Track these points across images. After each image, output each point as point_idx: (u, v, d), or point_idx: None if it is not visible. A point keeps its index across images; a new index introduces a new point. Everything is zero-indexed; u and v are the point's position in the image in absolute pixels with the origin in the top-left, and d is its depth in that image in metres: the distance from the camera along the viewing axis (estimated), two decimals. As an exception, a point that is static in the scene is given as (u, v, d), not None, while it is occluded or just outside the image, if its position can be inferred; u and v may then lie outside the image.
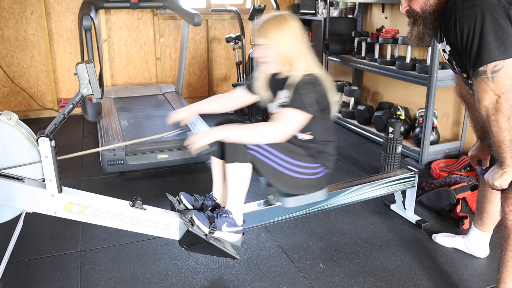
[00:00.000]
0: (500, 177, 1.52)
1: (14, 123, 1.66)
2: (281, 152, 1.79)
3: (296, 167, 1.83)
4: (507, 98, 1.39)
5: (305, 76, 1.75)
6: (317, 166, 1.88)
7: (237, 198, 1.81)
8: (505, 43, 1.37)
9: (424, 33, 1.61)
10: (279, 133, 1.74)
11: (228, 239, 1.80)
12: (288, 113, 1.73)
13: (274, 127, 1.74)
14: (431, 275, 2.06)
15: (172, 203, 1.95)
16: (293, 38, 1.76)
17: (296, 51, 1.76)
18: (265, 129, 1.74)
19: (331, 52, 4.34)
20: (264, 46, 1.77)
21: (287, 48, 1.75)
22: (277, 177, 1.83)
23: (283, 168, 1.81)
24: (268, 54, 1.78)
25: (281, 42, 1.74)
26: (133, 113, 3.86)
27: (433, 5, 1.55)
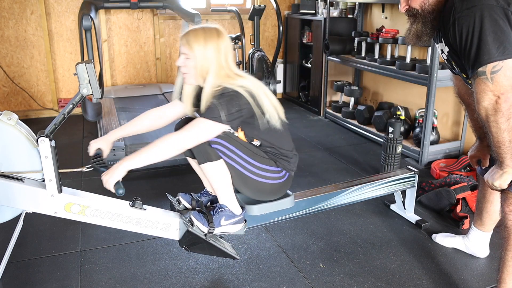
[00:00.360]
0: (499, 177, 1.52)
1: (14, 123, 1.66)
2: (245, 152, 1.76)
3: (259, 170, 1.79)
4: (506, 98, 1.39)
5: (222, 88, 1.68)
6: (279, 170, 1.84)
7: (225, 192, 1.80)
8: (504, 44, 1.37)
9: (422, 32, 1.60)
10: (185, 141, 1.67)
11: (231, 231, 1.81)
12: (198, 122, 1.66)
13: (179, 136, 1.67)
14: (431, 275, 2.06)
15: (172, 203, 1.96)
16: (214, 53, 1.70)
17: (213, 66, 1.70)
18: (170, 141, 1.66)
19: (331, 52, 4.34)
20: (186, 56, 1.72)
21: (205, 62, 1.70)
22: (240, 179, 1.79)
23: (246, 170, 1.77)
24: (187, 64, 1.73)
25: (199, 55, 1.69)
26: (133, 113, 3.86)
27: (432, 4, 1.55)
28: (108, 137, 1.91)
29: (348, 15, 4.58)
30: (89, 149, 1.89)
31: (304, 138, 4.03)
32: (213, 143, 1.70)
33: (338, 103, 4.62)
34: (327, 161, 3.48)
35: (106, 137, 1.91)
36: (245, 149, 1.76)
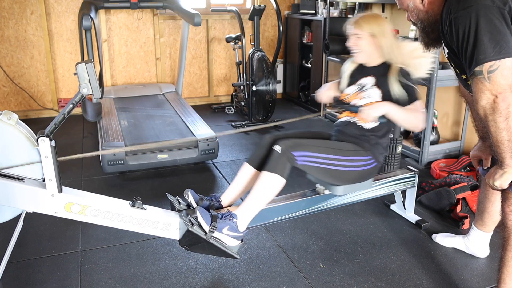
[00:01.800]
0: (500, 177, 1.52)
1: (14, 123, 1.66)
2: (332, 153, 1.90)
3: (347, 162, 1.94)
4: (504, 98, 1.40)
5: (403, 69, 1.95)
6: (368, 158, 1.98)
7: (254, 206, 1.81)
8: (500, 43, 1.37)
9: (427, 43, 1.67)
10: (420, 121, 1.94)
11: (227, 242, 1.79)
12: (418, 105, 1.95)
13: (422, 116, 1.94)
14: (431, 275, 2.06)
15: (172, 203, 1.95)
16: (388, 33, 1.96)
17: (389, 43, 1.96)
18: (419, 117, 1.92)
19: (331, 52, 4.33)
20: (358, 36, 1.97)
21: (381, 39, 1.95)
22: (330, 174, 1.94)
23: (335, 166, 1.92)
24: (360, 44, 1.98)
25: (376, 32, 1.94)
26: (133, 113, 3.86)
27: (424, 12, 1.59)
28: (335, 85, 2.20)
29: (348, 15, 4.58)
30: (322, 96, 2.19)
31: (304, 138, 4.02)
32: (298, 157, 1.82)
33: (338, 103, 4.61)
34: (327, 161, 3.48)
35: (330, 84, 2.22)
36: (327, 149, 1.90)
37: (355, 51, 2.03)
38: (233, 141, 3.92)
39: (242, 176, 1.99)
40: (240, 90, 4.65)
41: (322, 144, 1.92)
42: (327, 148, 1.91)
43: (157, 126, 3.53)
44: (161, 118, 3.73)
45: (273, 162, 1.80)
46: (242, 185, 1.98)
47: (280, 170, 1.78)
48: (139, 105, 4.12)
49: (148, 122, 3.62)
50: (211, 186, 3.01)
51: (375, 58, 2.02)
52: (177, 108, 4.01)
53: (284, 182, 1.81)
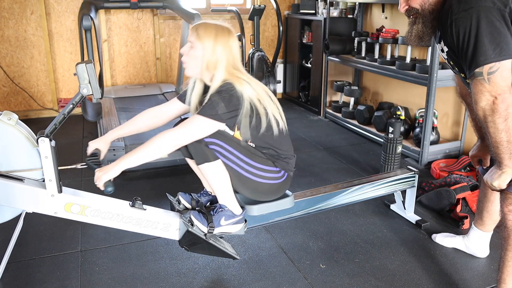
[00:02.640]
0: (498, 177, 1.53)
1: (14, 123, 1.66)
2: (242, 153, 1.74)
3: (257, 170, 1.77)
4: (503, 99, 1.40)
5: (223, 85, 1.67)
6: (277, 170, 1.83)
7: (224, 192, 1.80)
8: (501, 45, 1.38)
9: (423, 32, 1.61)
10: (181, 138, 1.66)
11: (231, 231, 1.81)
12: (193, 119, 1.66)
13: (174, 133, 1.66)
14: (431, 275, 2.06)
15: (172, 203, 1.96)
16: (223, 48, 1.69)
17: (221, 61, 1.69)
18: (166, 139, 1.65)
19: (331, 52, 4.34)
20: (191, 45, 1.72)
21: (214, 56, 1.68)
22: (238, 180, 1.78)
23: (244, 170, 1.76)
24: (191, 54, 1.72)
25: (208, 48, 1.68)
26: (133, 113, 3.84)
27: (432, 4, 1.56)
28: (106, 137, 1.91)
29: (348, 15, 4.58)
30: (87, 149, 1.90)
31: (304, 138, 4.03)
32: (210, 143, 1.69)
33: (338, 103, 4.62)
34: (327, 161, 3.48)
35: (104, 138, 1.91)
36: (243, 149, 1.75)
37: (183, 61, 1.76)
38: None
39: (194, 168, 1.97)
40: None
41: (236, 140, 1.75)
42: (239, 146, 1.74)
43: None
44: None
45: (195, 154, 1.71)
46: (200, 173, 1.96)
47: (207, 157, 1.70)
48: (139, 105, 4.11)
49: (148, 122, 3.61)
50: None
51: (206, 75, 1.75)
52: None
53: (220, 162, 1.72)
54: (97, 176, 1.64)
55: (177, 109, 1.95)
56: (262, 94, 1.72)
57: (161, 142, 1.65)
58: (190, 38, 1.73)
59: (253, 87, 1.71)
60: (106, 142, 1.91)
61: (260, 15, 4.42)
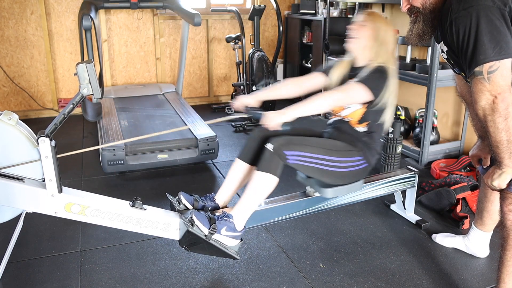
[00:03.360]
0: (498, 177, 1.53)
1: (14, 123, 1.66)
2: (323, 153, 1.88)
3: (338, 163, 1.92)
4: (503, 98, 1.40)
5: (381, 66, 1.88)
6: (359, 159, 1.96)
7: (248, 206, 1.81)
8: (500, 44, 1.38)
9: (424, 31, 1.61)
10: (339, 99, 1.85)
11: (226, 243, 1.79)
12: (353, 86, 1.84)
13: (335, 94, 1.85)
14: (431, 275, 2.06)
15: (172, 203, 1.96)
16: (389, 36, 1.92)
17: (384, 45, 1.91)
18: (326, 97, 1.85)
19: (331, 52, 4.33)
20: (364, 26, 1.92)
21: (381, 38, 1.90)
22: (321, 173, 1.92)
23: (326, 166, 1.90)
24: (363, 33, 1.92)
25: (380, 30, 1.90)
26: (133, 113, 3.86)
27: (433, 3, 1.56)
28: (258, 95, 2.05)
29: (348, 15, 4.58)
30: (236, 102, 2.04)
31: (304, 138, 4.02)
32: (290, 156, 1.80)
33: (338, 103, 4.61)
34: (327, 161, 3.48)
35: (254, 95, 2.05)
36: (321, 150, 1.88)
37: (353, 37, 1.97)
38: (233, 141, 3.93)
39: (235, 173, 1.99)
40: (240, 90, 4.65)
41: (315, 144, 1.90)
42: (319, 148, 1.89)
43: (157, 126, 3.53)
44: (161, 118, 3.73)
45: (265, 161, 1.79)
46: (235, 181, 1.98)
47: (273, 169, 1.78)
48: (139, 105, 4.12)
49: (148, 122, 3.62)
50: (211, 186, 3.01)
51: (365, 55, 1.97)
52: (177, 108, 4.01)
53: (277, 181, 1.81)
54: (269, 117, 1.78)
55: (319, 82, 2.12)
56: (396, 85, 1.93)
57: (322, 100, 1.83)
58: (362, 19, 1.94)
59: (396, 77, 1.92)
60: (257, 99, 2.05)
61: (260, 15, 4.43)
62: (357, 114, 1.93)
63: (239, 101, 2.04)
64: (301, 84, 2.12)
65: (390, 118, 1.97)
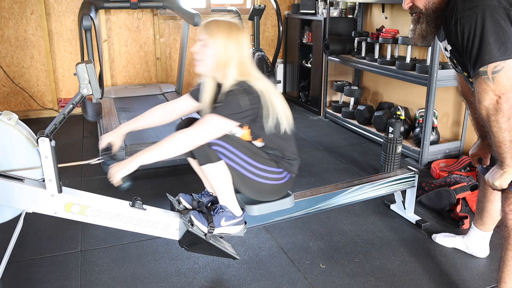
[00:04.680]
0: (500, 177, 1.52)
1: (14, 123, 1.66)
2: (245, 153, 1.74)
3: (259, 171, 1.77)
4: (507, 98, 1.40)
5: (237, 83, 1.67)
6: (280, 171, 1.83)
7: (225, 193, 1.80)
8: (506, 44, 1.37)
9: (427, 31, 1.61)
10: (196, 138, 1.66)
11: (231, 232, 1.81)
12: (208, 119, 1.65)
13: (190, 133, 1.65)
14: (431, 275, 2.06)
15: (172, 203, 1.96)
16: (236, 46, 1.69)
17: (234, 59, 1.68)
18: (181, 138, 1.65)
19: (331, 52, 4.34)
20: (203, 43, 1.70)
21: (226, 52, 1.67)
22: (240, 180, 1.78)
23: (246, 171, 1.76)
24: (203, 52, 1.70)
25: (221, 44, 1.67)
26: (133, 113, 3.86)
27: (436, 3, 1.56)
28: (119, 130, 1.92)
29: (348, 15, 4.58)
30: (101, 143, 1.89)
31: (304, 138, 4.03)
32: (213, 144, 1.69)
33: (338, 103, 4.62)
34: (327, 161, 3.48)
35: (117, 131, 1.91)
36: (246, 150, 1.75)
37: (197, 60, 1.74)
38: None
39: (196, 168, 1.97)
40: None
41: (241, 142, 1.75)
42: (243, 147, 1.74)
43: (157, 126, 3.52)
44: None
45: (198, 154, 1.71)
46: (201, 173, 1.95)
47: (209, 158, 1.70)
48: (139, 105, 4.11)
49: (148, 122, 3.61)
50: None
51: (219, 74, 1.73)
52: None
53: (222, 162, 1.72)
54: (112, 173, 1.63)
55: (189, 105, 1.96)
56: (272, 93, 1.72)
57: (177, 141, 1.65)
58: (201, 35, 1.71)
59: (265, 85, 1.71)
60: (119, 135, 1.91)
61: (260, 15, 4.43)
62: (246, 135, 1.78)
63: (103, 140, 1.88)
64: (170, 110, 1.96)
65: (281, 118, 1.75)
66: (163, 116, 1.97)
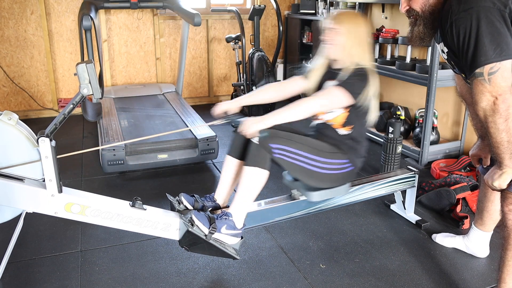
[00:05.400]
0: (499, 177, 1.53)
1: (14, 123, 1.66)
2: (309, 152, 1.85)
3: (324, 164, 1.89)
4: (504, 99, 1.40)
5: (359, 69, 1.85)
6: (345, 162, 1.93)
7: (244, 202, 1.81)
8: (501, 45, 1.38)
9: (424, 33, 1.62)
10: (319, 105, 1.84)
11: (227, 242, 1.80)
12: (333, 90, 1.82)
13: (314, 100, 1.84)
14: (431, 275, 2.06)
15: (172, 203, 1.96)
16: (362, 35, 1.89)
17: (359, 46, 1.88)
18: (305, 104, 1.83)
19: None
20: (335, 31, 1.87)
21: (354, 39, 1.87)
22: (305, 173, 1.88)
23: (311, 166, 1.87)
24: (336, 38, 1.88)
25: (352, 32, 1.86)
26: (133, 113, 3.86)
27: (432, 5, 1.57)
28: (239, 101, 2.05)
29: (348, 15, 4.57)
30: (216, 109, 2.03)
31: (304, 138, 4.02)
32: (276, 149, 1.78)
33: (338, 103, 4.61)
34: (327, 161, 3.48)
35: (235, 101, 2.05)
36: (307, 148, 1.85)
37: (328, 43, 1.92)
38: (233, 141, 3.92)
39: (227, 169, 1.99)
40: (240, 90, 4.65)
41: (301, 141, 1.87)
42: (305, 145, 1.86)
43: (157, 126, 3.53)
44: (161, 118, 3.73)
45: (252, 155, 1.78)
46: (230, 178, 1.98)
47: (261, 163, 1.77)
48: (139, 105, 4.12)
49: (148, 122, 3.62)
50: (211, 186, 3.01)
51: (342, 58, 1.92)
52: (177, 108, 4.01)
53: (267, 173, 1.80)
54: (248, 125, 1.77)
55: (299, 86, 2.09)
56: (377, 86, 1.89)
57: (303, 105, 1.82)
58: (331, 25, 1.88)
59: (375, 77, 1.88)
60: (237, 105, 2.04)
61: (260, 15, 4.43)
62: (340, 118, 1.91)
63: (219, 107, 2.03)
64: (282, 89, 2.11)
65: (374, 118, 1.95)
66: (276, 93, 2.11)
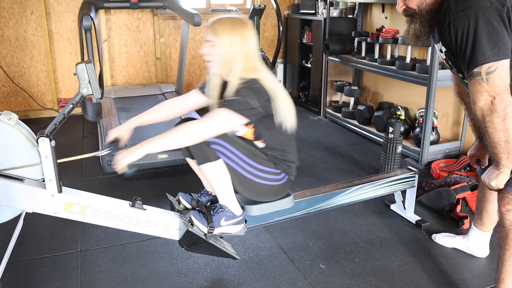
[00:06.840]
0: (496, 177, 1.53)
1: (14, 123, 1.66)
2: (244, 153, 1.73)
3: (258, 171, 1.77)
4: (501, 99, 1.40)
5: (248, 81, 1.67)
6: (278, 172, 1.82)
7: (224, 192, 1.79)
8: (499, 45, 1.38)
9: (420, 31, 1.61)
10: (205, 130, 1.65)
11: (231, 231, 1.80)
12: (219, 112, 1.64)
13: (199, 125, 1.65)
14: (431, 275, 2.06)
15: (172, 203, 1.96)
16: (241, 42, 1.69)
17: (240, 54, 1.68)
18: (190, 129, 1.64)
19: (331, 52, 4.34)
20: (211, 43, 1.69)
21: (232, 50, 1.67)
22: (239, 180, 1.77)
23: (245, 171, 1.75)
24: (214, 52, 1.70)
25: (227, 43, 1.67)
26: (133, 113, 3.84)
27: (429, 4, 1.56)
28: (128, 125, 1.90)
29: (348, 15, 4.58)
30: (107, 137, 1.88)
31: (304, 138, 4.03)
32: (212, 143, 1.69)
33: (338, 103, 4.62)
34: (327, 161, 3.49)
35: (125, 125, 1.90)
36: (245, 150, 1.74)
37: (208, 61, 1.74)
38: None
39: (195, 168, 1.96)
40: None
41: (240, 142, 1.74)
42: (244, 147, 1.73)
43: (157, 126, 3.52)
44: (161, 118, 3.73)
45: (196, 154, 1.71)
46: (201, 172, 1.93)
47: (208, 157, 1.69)
48: (139, 105, 4.11)
49: (148, 122, 3.62)
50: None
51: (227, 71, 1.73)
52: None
53: (221, 161, 1.71)
54: (117, 159, 1.61)
55: (198, 101, 1.96)
56: (279, 92, 1.72)
57: (186, 132, 1.63)
58: (207, 36, 1.71)
59: (273, 83, 1.72)
60: (127, 129, 1.90)
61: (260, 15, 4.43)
62: (249, 134, 1.78)
63: (110, 134, 1.87)
64: (178, 105, 1.96)
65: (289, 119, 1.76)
66: (172, 111, 1.96)
